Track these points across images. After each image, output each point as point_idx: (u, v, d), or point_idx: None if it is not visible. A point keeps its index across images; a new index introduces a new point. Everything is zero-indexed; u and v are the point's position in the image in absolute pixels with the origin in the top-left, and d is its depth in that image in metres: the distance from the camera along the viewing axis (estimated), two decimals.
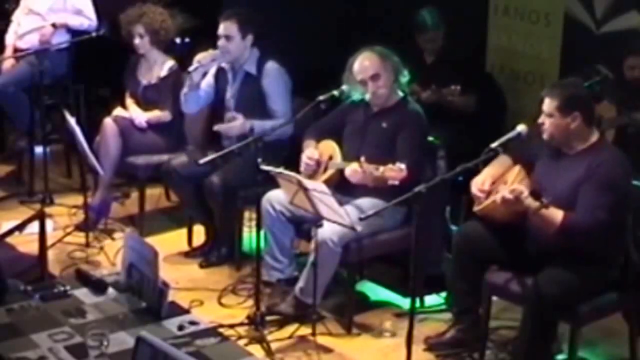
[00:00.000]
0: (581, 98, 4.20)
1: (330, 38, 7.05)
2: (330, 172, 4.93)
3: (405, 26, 6.08)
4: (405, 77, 4.92)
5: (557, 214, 4.05)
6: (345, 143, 5.04)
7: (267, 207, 4.88)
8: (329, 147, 5.06)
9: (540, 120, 4.21)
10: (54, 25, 6.50)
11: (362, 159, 4.50)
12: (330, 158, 5.01)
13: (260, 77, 5.44)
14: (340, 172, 4.82)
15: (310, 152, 5.03)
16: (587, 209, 4.06)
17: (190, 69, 5.37)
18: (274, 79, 5.43)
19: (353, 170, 4.64)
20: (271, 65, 5.45)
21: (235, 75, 5.53)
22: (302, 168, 4.99)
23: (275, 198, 4.89)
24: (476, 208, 4.37)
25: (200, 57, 5.35)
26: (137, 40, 5.88)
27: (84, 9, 6.56)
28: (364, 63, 4.87)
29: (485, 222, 4.37)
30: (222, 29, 5.39)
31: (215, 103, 5.64)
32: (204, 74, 5.52)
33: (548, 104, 4.17)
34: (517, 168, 4.38)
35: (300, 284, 4.81)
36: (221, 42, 5.39)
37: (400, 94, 4.94)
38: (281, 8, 7.05)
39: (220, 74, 5.58)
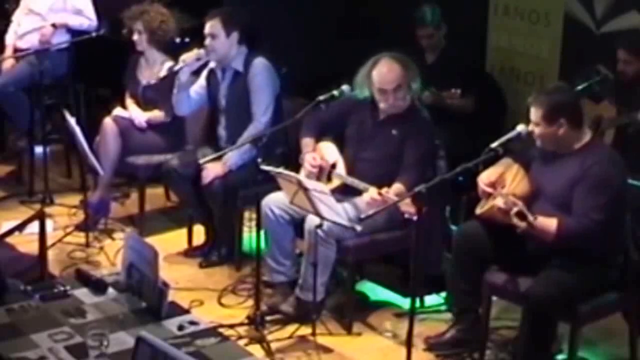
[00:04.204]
0: (565, 104, 4.16)
1: (331, 38, 7.05)
2: (335, 183, 4.89)
3: (406, 26, 6.07)
4: (417, 84, 4.86)
5: (550, 224, 4.06)
6: (348, 145, 5.01)
7: (266, 211, 4.86)
8: (331, 152, 5.02)
9: (530, 128, 4.23)
10: (54, 26, 6.50)
11: (385, 189, 4.49)
12: (334, 166, 4.99)
13: (247, 73, 5.43)
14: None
15: (313, 157, 4.99)
16: (582, 212, 4.08)
17: (176, 68, 5.37)
18: (258, 74, 5.39)
19: (373, 200, 4.49)
20: (258, 61, 5.43)
21: (224, 74, 5.52)
22: (304, 173, 4.96)
23: (274, 202, 4.88)
24: (478, 211, 4.38)
25: (185, 56, 5.36)
26: (135, 37, 5.93)
27: (84, 9, 6.56)
28: (388, 74, 4.74)
29: (485, 222, 4.38)
30: (207, 27, 5.39)
31: (210, 105, 5.64)
32: (197, 74, 5.51)
33: (534, 113, 4.18)
34: (515, 167, 4.38)
35: (299, 281, 4.82)
36: (207, 41, 5.39)
37: (410, 100, 4.88)
38: (280, 8, 7.05)
39: (211, 75, 5.57)
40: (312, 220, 4.63)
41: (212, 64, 5.53)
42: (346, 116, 5.02)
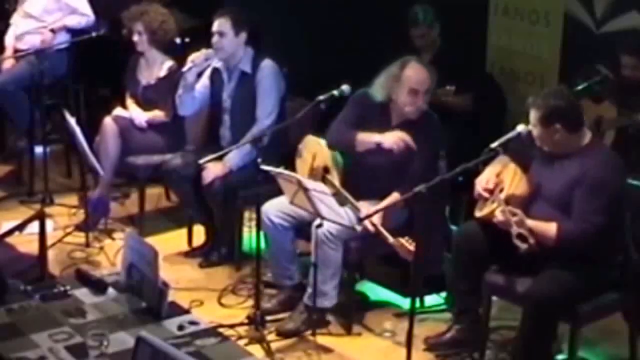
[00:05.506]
0: (561, 110, 4.13)
1: (331, 39, 7.05)
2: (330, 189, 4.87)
3: (404, 27, 6.07)
4: (430, 93, 4.85)
5: (550, 230, 4.07)
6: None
7: (265, 220, 4.83)
8: (322, 155, 4.99)
9: (530, 128, 4.24)
10: (52, 31, 6.51)
11: (376, 219, 4.49)
12: (326, 170, 4.97)
13: (255, 75, 5.43)
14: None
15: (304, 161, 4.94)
16: (582, 215, 4.08)
17: (184, 69, 5.37)
18: (267, 77, 5.40)
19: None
20: (266, 63, 5.43)
21: (231, 75, 5.52)
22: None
23: (272, 210, 4.85)
24: (477, 214, 4.38)
25: (194, 57, 5.35)
26: (135, 37, 5.92)
27: (78, 7, 6.56)
28: (422, 74, 4.75)
29: (485, 223, 4.37)
30: (215, 25, 5.39)
31: (212, 104, 5.64)
32: (199, 75, 5.51)
33: (532, 115, 4.19)
34: (512, 167, 4.38)
35: (308, 289, 4.74)
36: (215, 39, 5.39)
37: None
38: (281, 8, 7.05)
39: (215, 75, 5.57)
40: (321, 229, 4.59)
41: (216, 64, 5.52)
42: (363, 117, 4.94)
